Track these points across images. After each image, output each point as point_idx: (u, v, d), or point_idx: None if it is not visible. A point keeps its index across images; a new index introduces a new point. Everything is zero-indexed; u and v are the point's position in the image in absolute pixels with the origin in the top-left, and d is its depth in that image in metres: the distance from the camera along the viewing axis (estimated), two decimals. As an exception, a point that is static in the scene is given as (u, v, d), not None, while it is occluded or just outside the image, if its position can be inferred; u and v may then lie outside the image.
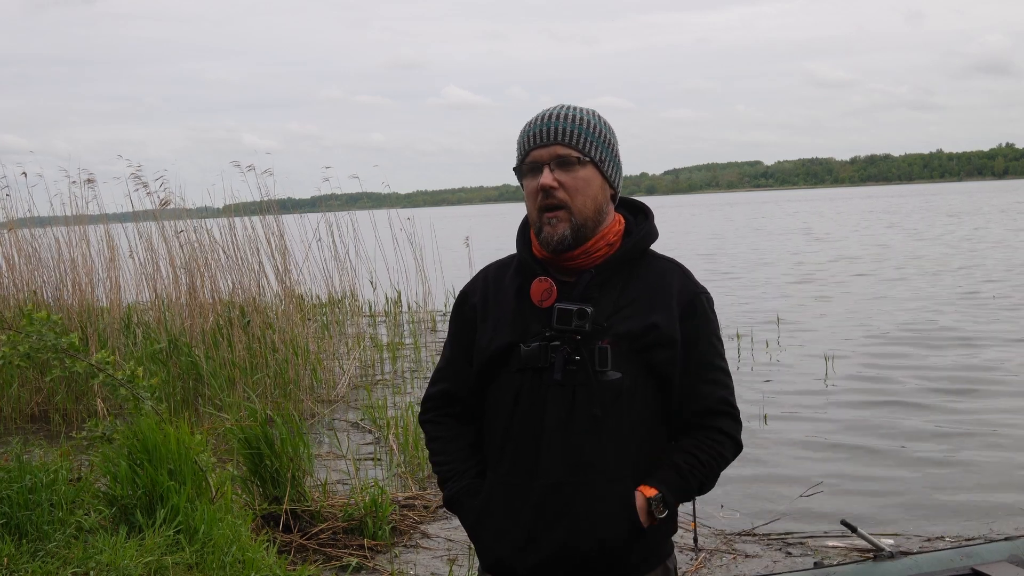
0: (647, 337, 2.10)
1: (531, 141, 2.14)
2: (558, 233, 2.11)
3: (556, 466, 2.10)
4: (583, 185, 2.12)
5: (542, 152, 2.12)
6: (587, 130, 2.14)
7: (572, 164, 2.11)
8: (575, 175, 2.12)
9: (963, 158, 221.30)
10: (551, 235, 2.12)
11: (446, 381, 2.32)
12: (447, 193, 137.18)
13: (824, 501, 5.89)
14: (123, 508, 4.54)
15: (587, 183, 2.13)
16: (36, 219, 10.49)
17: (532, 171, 2.14)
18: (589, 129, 2.14)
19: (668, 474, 2.12)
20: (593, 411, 2.08)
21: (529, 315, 2.15)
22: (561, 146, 2.11)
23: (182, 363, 8.41)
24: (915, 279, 18.03)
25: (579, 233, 2.12)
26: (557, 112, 2.15)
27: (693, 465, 2.13)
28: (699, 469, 2.13)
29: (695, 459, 2.13)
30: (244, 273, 9.51)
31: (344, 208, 12.07)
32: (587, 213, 2.13)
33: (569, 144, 2.11)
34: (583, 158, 2.12)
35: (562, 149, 2.11)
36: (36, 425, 8.27)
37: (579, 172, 2.12)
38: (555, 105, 2.19)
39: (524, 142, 2.16)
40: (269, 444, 5.17)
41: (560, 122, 2.13)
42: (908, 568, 3.50)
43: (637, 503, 2.09)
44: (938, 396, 8.49)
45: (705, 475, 2.14)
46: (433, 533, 5.40)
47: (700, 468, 2.13)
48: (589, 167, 2.13)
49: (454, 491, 2.24)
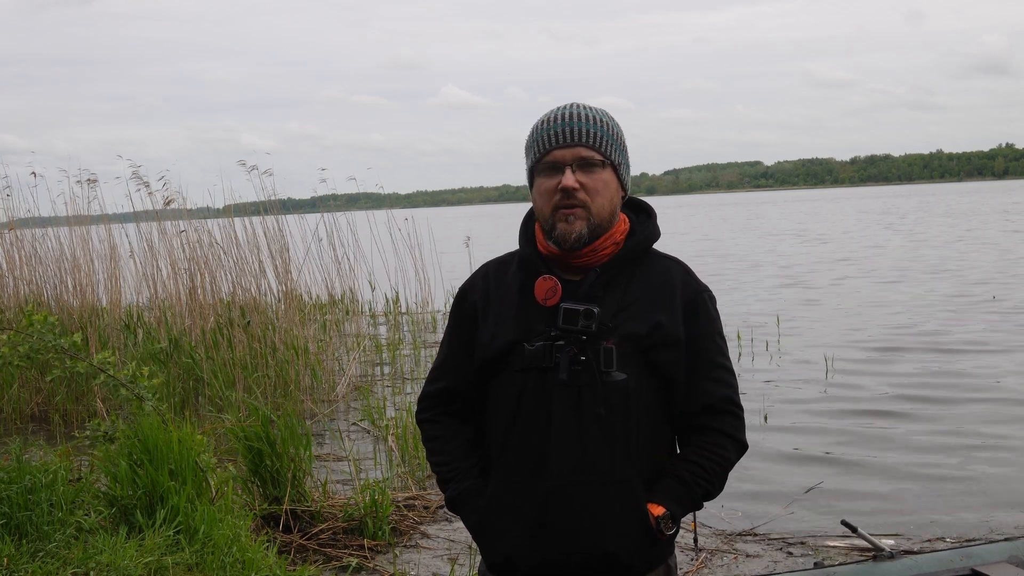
0: (651, 337, 2.10)
1: (552, 140, 2.12)
2: (575, 231, 2.10)
3: (561, 466, 2.09)
4: (602, 187, 2.12)
5: (564, 153, 2.10)
6: (608, 133, 2.13)
7: (594, 167, 2.11)
8: (596, 177, 2.11)
9: (963, 158, 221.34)
10: (568, 232, 2.10)
11: (445, 378, 2.30)
12: (447, 193, 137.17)
13: (824, 501, 5.88)
14: (123, 508, 4.53)
15: (606, 186, 2.12)
16: (37, 219, 10.49)
17: (550, 170, 2.12)
18: (609, 132, 2.14)
19: (674, 488, 2.11)
20: (598, 411, 2.07)
21: (532, 313, 2.14)
22: (584, 148, 2.10)
23: (182, 363, 8.41)
24: (914, 281, 18.03)
25: (595, 232, 2.12)
26: (576, 112, 2.13)
27: (697, 474, 2.12)
28: (704, 477, 2.13)
29: (699, 467, 2.13)
30: (245, 273, 9.51)
31: (344, 208, 12.07)
32: (604, 215, 2.12)
33: (592, 146, 2.10)
34: (605, 161, 2.12)
35: (585, 151, 2.10)
36: (36, 425, 8.27)
37: (600, 175, 2.11)
38: (568, 103, 2.17)
39: (543, 140, 2.13)
40: (270, 444, 5.17)
41: (583, 123, 2.11)
42: (908, 568, 3.50)
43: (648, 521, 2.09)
44: (938, 396, 8.48)
45: (710, 482, 2.14)
46: (433, 533, 5.40)
47: (705, 476, 2.13)
48: (608, 170, 2.13)
49: (457, 491, 2.23)
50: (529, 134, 2.18)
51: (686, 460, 2.14)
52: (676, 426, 2.19)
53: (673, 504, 2.10)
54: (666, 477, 2.13)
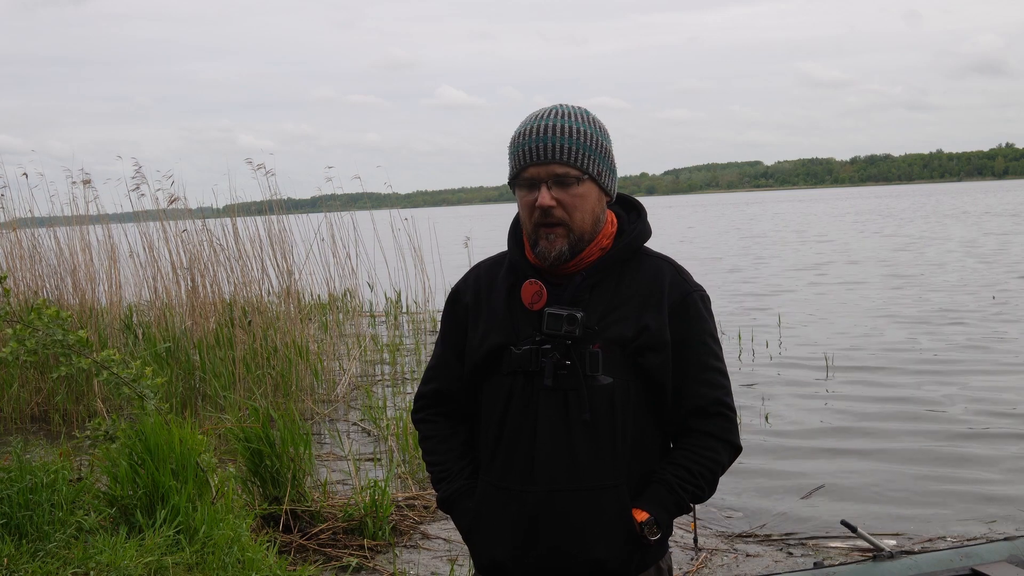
0: (638, 341, 2.08)
1: (526, 157, 2.08)
2: (556, 249, 2.08)
3: (549, 471, 2.08)
4: (580, 203, 2.08)
5: (539, 170, 2.07)
6: (585, 144, 2.08)
7: (570, 184, 2.07)
8: (573, 193, 2.07)
9: (963, 158, 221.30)
10: (548, 249, 2.08)
11: (438, 380, 2.30)
12: (447, 193, 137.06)
13: (824, 501, 5.88)
14: (123, 508, 4.54)
15: (584, 199, 2.09)
16: (37, 219, 10.49)
17: (527, 186, 2.10)
18: (586, 142, 2.08)
19: (660, 493, 2.10)
20: (584, 416, 2.06)
21: (520, 317, 2.13)
22: (559, 164, 2.06)
23: (183, 363, 8.41)
24: (916, 279, 18.03)
25: (576, 247, 2.10)
26: (552, 124, 2.07)
27: (685, 479, 2.10)
28: (692, 482, 2.10)
29: (687, 472, 2.11)
30: (246, 273, 9.51)
31: (344, 208, 12.05)
32: (585, 227, 2.10)
33: (567, 163, 2.06)
34: (582, 176, 2.07)
35: (560, 168, 2.06)
36: (36, 425, 8.27)
37: (576, 190, 2.08)
38: (548, 107, 2.13)
39: (519, 157, 2.09)
40: (270, 444, 5.17)
41: (557, 138, 2.06)
42: (908, 568, 3.50)
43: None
44: (938, 396, 8.48)
45: (699, 486, 2.12)
46: (433, 533, 5.40)
47: (693, 480, 2.11)
48: (587, 183, 2.09)
49: (448, 493, 2.23)
50: (510, 141, 2.15)
51: (674, 464, 2.12)
52: (667, 429, 2.17)
53: (658, 509, 2.09)
54: (653, 482, 2.11)
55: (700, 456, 2.12)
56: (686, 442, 2.14)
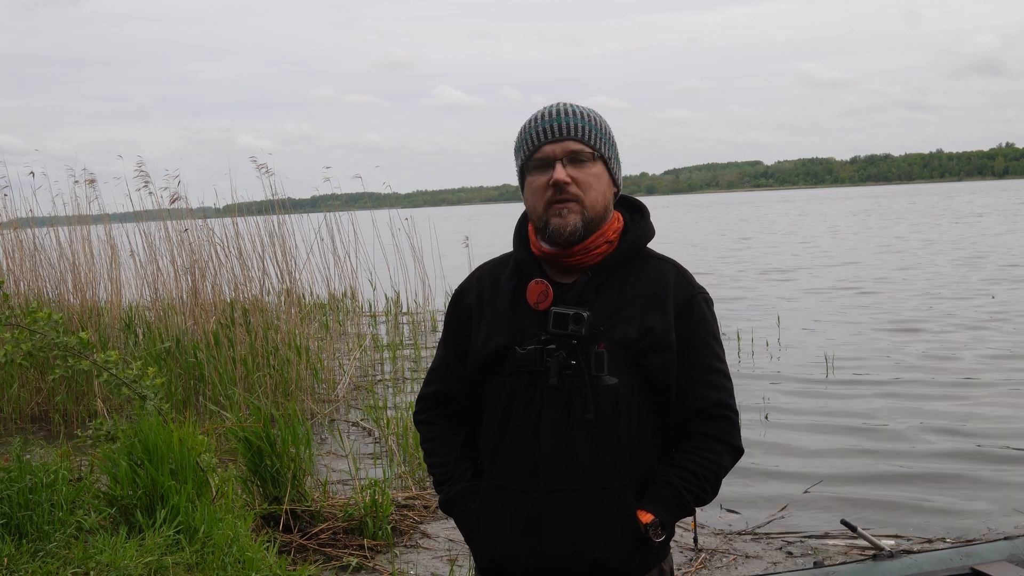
0: (643, 342, 2.08)
1: (541, 136, 2.11)
2: (570, 224, 2.08)
3: (552, 471, 2.08)
4: (594, 181, 2.11)
5: (555, 148, 2.09)
6: (597, 127, 2.13)
7: (585, 160, 2.10)
8: (587, 171, 2.10)
9: (963, 158, 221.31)
10: (562, 226, 2.08)
11: (439, 381, 2.30)
12: (447, 193, 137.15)
13: (824, 501, 5.88)
14: (123, 508, 4.54)
15: (598, 179, 2.12)
16: (37, 219, 10.49)
17: (541, 167, 2.11)
18: (598, 126, 2.13)
19: (664, 495, 2.10)
20: (588, 416, 2.06)
21: (525, 317, 2.13)
22: (574, 141, 2.09)
23: (184, 363, 8.41)
24: (915, 279, 18.03)
25: (589, 226, 2.10)
26: (565, 108, 2.13)
27: (688, 481, 2.10)
28: (695, 484, 2.11)
29: (690, 474, 2.11)
30: (246, 273, 9.51)
31: (344, 208, 12.06)
32: (598, 209, 2.11)
33: (582, 140, 2.10)
34: (595, 154, 2.11)
35: (575, 145, 2.09)
36: (36, 425, 8.27)
37: (591, 168, 2.11)
38: (556, 102, 2.16)
39: (533, 137, 2.12)
40: (270, 444, 5.17)
41: (572, 118, 2.11)
42: (908, 568, 3.50)
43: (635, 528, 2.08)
44: (938, 396, 8.48)
45: (702, 488, 2.12)
46: (433, 533, 5.40)
47: (696, 482, 2.11)
48: (599, 163, 2.12)
49: (450, 494, 2.23)
50: (517, 135, 2.18)
51: (678, 466, 2.12)
52: (670, 431, 2.17)
53: (662, 511, 2.09)
54: (657, 484, 2.11)
55: (703, 458, 2.12)
56: (689, 444, 2.14)
